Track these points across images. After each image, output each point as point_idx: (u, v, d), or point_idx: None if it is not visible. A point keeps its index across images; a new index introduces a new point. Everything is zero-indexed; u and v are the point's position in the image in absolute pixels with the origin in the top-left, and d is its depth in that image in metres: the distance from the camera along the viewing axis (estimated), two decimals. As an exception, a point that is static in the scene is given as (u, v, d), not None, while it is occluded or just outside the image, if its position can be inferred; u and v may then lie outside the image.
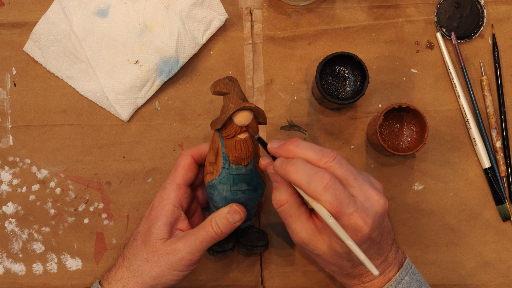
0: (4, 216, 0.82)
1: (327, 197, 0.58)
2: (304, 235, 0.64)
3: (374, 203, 0.61)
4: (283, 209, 0.64)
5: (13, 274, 0.82)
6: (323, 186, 0.58)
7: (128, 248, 0.72)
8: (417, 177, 0.82)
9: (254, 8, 0.84)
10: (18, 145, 0.83)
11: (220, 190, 0.70)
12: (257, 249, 0.74)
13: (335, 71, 0.79)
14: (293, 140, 0.63)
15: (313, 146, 0.62)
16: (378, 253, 0.65)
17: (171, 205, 0.70)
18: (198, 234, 0.68)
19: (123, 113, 0.82)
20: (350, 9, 0.84)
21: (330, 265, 0.66)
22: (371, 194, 0.61)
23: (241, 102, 0.66)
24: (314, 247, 0.64)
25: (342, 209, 0.58)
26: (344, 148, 0.82)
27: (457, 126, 0.83)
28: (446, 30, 0.83)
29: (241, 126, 0.67)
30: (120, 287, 0.70)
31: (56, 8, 0.83)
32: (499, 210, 0.82)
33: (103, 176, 0.82)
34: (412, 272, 0.68)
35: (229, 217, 0.69)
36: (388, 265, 0.67)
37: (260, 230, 0.75)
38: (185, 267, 0.69)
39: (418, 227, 0.82)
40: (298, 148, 0.62)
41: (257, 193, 0.71)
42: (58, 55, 0.83)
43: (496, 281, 0.81)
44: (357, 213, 0.59)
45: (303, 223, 0.64)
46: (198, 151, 0.73)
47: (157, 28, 0.82)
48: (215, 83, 0.67)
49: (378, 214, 0.61)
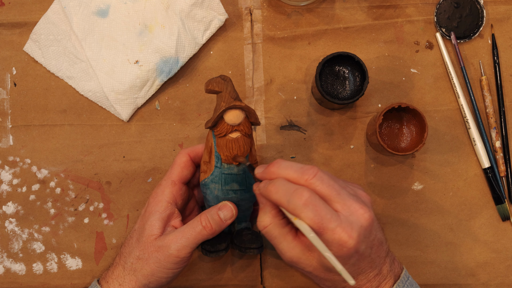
0: (4, 215, 0.82)
1: (308, 213, 0.58)
2: (292, 254, 0.64)
3: (359, 217, 0.61)
4: (267, 231, 0.65)
5: (13, 274, 0.82)
6: (302, 203, 0.58)
7: (125, 246, 0.72)
8: (416, 177, 0.82)
9: (254, 8, 0.84)
10: (18, 145, 0.83)
11: (212, 189, 0.70)
12: (250, 251, 0.73)
13: (335, 71, 0.79)
14: (275, 162, 0.64)
15: (294, 165, 0.63)
16: (371, 266, 0.65)
17: (165, 201, 0.71)
18: (185, 231, 0.68)
19: (123, 113, 0.82)
20: (350, 9, 0.84)
21: (323, 280, 0.66)
22: (355, 208, 0.61)
23: (232, 101, 0.66)
24: (304, 265, 0.64)
25: (324, 224, 0.58)
26: (344, 148, 0.83)
27: (456, 126, 0.83)
28: (445, 30, 0.83)
29: (232, 125, 0.67)
30: (117, 285, 0.70)
31: (56, 8, 0.83)
32: (498, 210, 0.82)
33: (103, 176, 0.83)
34: (409, 284, 0.67)
35: (221, 214, 0.69)
36: (383, 278, 0.66)
37: (254, 232, 0.75)
38: (173, 264, 0.68)
39: (417, 227, 0.82)
40: (279, 169, 0.63)
41: (250, 194, 0.71)
42: (58, 55, 0.83)
43: (496, 281, 0.82)
44: (340, 227, 0.59)
45: (289, 243, 0.64)
46: (195, 150, 0.73)
47: (157, 28, 0.82)
48: (208, 82, 0.68)
49: (363, 227, 0.61)
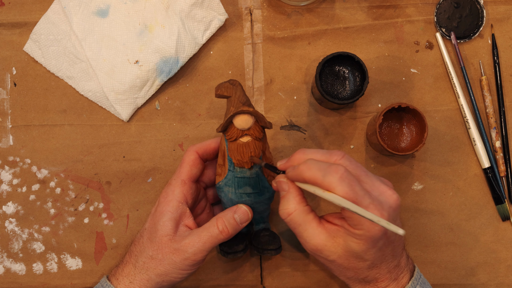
0: (4, 215, 0.82)
1: (344, 187, 0.58)
2: (317, 241, 0.63)
3: (388, 198, 0.61)
4: (291, 218, 0.64)
5: (13, 274, 0.82)
6: (338, 177, 0.58)
7: (135, 244, 0.72)
8: (416, 177, 0.82)
9: (254, 8, 0.84)
10: (18, 145, 0.83)
11: (226, 192, 0.70)
12: (268, 253, 0.74)
13: (335, 71, 0.79)
14: (299, 150, 0.64)
15: (319, 150, 0.64)
16: (393, 254, 0.65)
17: (175, 201, 0.71)
18: (202, 235, 0.68)
19: (123, 113, 0.82)
20: (350, 9, 0.84)
21: (346, 270, 0.65)
22: (383, 189, 0.61)
23: (241, 106, 0.66)
24: (329, 252, 0.63)
25: (358, 200, 0.58)
26: (344, 148, 0.83)
27: (456, 126, 0.83)
28: (445, 30, 0.83)
29: (241, 130, 0.67)
30: (127, 283, 0.70)
31: (56, 8, 0.83)
32: (498, 210, 0.82)
33: (103, 176, 0.83)
34: (422, 282, 0.68)
35: (237, 217, 0.69)
36: (401, 270, 0.66)
37: (272, 233, 0.75)
38: (189, 266, 0.69)
39: (417, 227, 0.82)
40: (306, 154, 0.63)
41: (264, 197, 0.71)
42: (58, 55, 0.83)
43: (496, 281, 0.82)
44: (373, 205, 0.59)
45: (314, 230, 0.63)
46: (203, 147, 0.73)
47: (157, 28, 0.82)
48: (217, 87, 0.68)
49: (392, 208, 0.61)
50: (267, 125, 0.68)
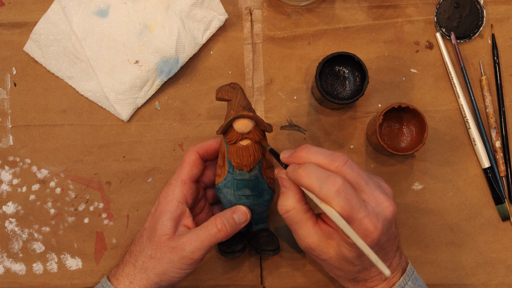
0: (4, 215, 0.82)
1: (339, 201, 0.58)
2: (311, 240, 0.64)
3: (384, 209, 0.61)
4: (289, 215, 0.65)
5: (13, 274, 0.82)
6: (335, 190, 0.58)
7: (135, 244, 0.72)
8: (416, 177, 0.82)
9: (254, 8, 0.84)
10: (18, 145, 0.83)
11: (225, 193, 0.71)
12: (266, 253, 0.74)
13: (335, 71, 0.79)
14: (303, 147, 0.64)
15: (323, 151, 0.63)
16: (384, 258, 0.65)
17: (175, 201, 0.71)
18: (200, 233, 0.69)
19: (123, 113, 0.82)
20: (350, 9, 0.84)
21: (336, 269, 0.66)
22: (381, 200, 0.61)
23: (241, 110, 0.66)
24: (321, 252, 0.64)
25: (353, 214, 0.58)
26: (344, 148, 0.83)
27: (456, 126, 0.83)
28: (445, 30, 0.83)
29: (241, 133, 0.67)
30: (127, 282, 0.70)
31: (56, 8, 0.83)
32: (498, 210, 0.82)
33: (103, 176, 0.83)
34: (414, 278, 0.68)
35: (235, 217, 0.70)
36: (392, 270, 0.67)
37: (270, 234, 0.75)
38: (187, 265, 0.69)
39: (417, 227, 0.82)
40: (309, 154, 0.63)
41: (263, 199, 0.71)
42: (58, 55, 0.83)
43: (496, 281, 0.82)
44: (367, 218, 0.59)
45: (310, 229, 0.64)
46: (203, 147, 0.73)
47: (157, 28, 0.82)
48: (218, 90, 0.68)
49: (387, 220, 0.61)
50: (267, 129, 0.68)
